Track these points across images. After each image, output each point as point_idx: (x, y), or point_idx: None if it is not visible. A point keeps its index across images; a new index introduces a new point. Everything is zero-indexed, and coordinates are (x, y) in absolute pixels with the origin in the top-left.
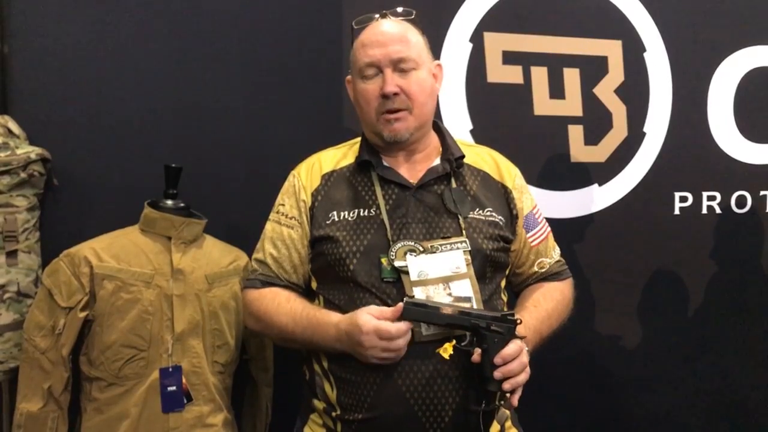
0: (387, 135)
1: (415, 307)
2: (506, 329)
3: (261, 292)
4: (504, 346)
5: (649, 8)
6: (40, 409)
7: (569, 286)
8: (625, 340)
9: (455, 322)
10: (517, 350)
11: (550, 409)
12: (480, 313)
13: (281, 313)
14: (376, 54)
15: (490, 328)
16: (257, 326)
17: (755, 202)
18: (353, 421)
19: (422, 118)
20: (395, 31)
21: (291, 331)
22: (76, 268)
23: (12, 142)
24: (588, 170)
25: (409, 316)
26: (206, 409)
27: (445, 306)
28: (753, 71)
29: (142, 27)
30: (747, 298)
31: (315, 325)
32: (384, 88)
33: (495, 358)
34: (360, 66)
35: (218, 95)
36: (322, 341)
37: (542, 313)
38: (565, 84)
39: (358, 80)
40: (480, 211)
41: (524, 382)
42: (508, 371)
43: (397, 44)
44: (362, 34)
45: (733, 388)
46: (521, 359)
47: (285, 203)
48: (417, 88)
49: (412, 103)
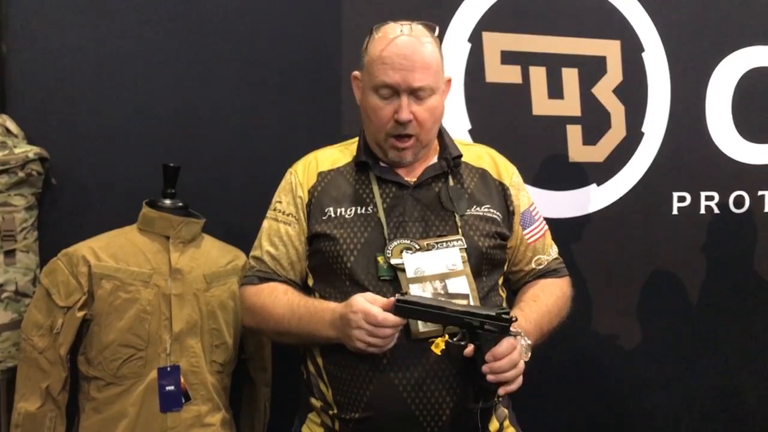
0: (391, 157)
1: (405, 305)
2: (499, 327)
3: (259, 287)
4: (496, 343)
5: (648, 8)
6: (38, 409)
7: (568, 284)
8: (624, 339)
9: (447, 320)
10: (509, 348)
11: (548, 408)
12: (472, 311)
13: (278, 304)
14: (396, 78)
15: (483, 326)
16: (254, 321)
17: (753, 202)
18: (350, 420)
19: (427, 140)
20: (418, 57)
21: (287, 321)
22: (74, 267)
23: (10, 141)
24: (586, 170)
25: (401, 314)
26: (204, 409)
27: (437, 304)
28: (751, 71)
29: (140, 26)
30: (745, 298)
31: (312, 313)
32: (399, 114)
33: (486, 355)
34: (376, 83)
35: (216, 94)
36: (317, 330)
37: (542, 308)
38: (563, 84)
39: (371, 92)
40: (477, 208)
41: (514, 378)
42: (498, 368)
43: (418, 72)
44: (383, 46)
45: (732, 388)
46: (512, 357)
47: (282, 200)
48: (428, 115)
49: (420, 129)
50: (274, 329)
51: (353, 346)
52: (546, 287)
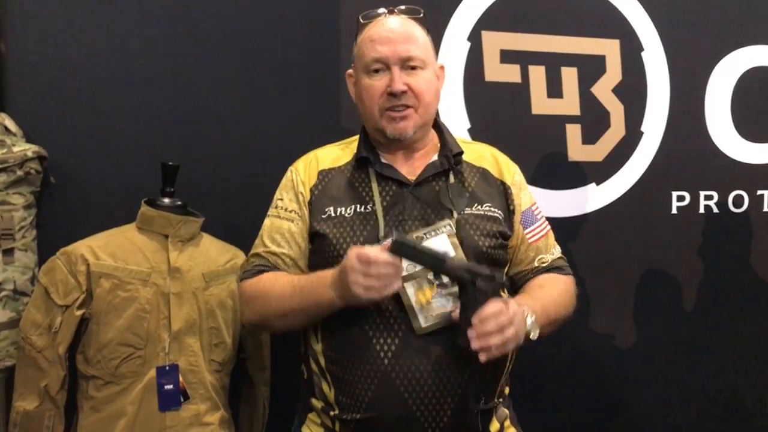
0: (390, 132)
1: (403, 246)
2: (490, 288)
3: (258, 277)
4: (484, 303)
5: (647, 7)
6: (37, 408)
7: (572, 282)
8: (622, 338)
9: (439, 267)
10: (496, 311)
11: (547, 408)
12: (467, 267)
13: (278, 284)
14: (385, 51)
15: (474, 283)
16: (254, 310)
17: (752, 201)
18: (351, 421)
19: (426, 117)
20: (404, 29)
21: (289, 297)
22: (72, 266)
23: (9, 140)
24: (585, 169)
25: (396, 252)
26: (203, 408)
27: (432, 251)
28: (750, 71)
29: (138, 25)
30: (743, 297)
31: (313, 281)
32: (392, 86)
33: (473, 316)
34: (366, 61)
35: (215, 93)
36: (320, 296)
37: (548, 295)
38: (562, 83)
39: (363, 75)
40: (478, 206)
41: (500, 345)
42: (482, 330)
43: (406, 43)
44: (370, 29)
45: (730, 387)
46: (499, 320)
47: (284, 198)
48: (424, 86)
49: (418, 101)
50: (276, 311)
51: (354, 297)
52: (551, 279)
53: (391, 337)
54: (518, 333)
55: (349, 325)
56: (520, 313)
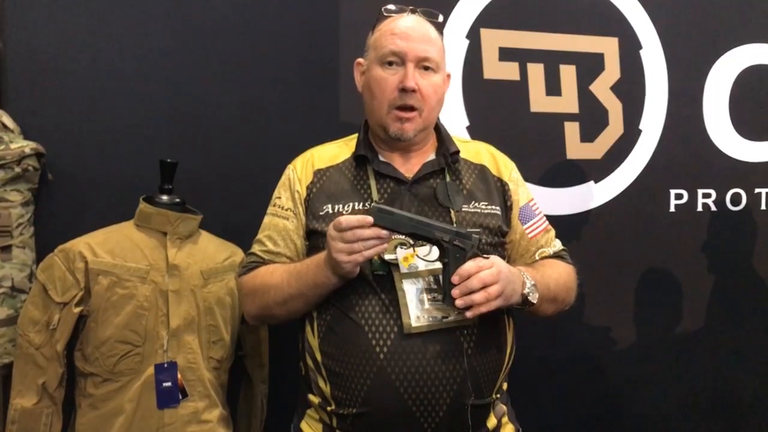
0: (393, 131)
1: (380, 213)
2: (468, 245)
3: (256, 270)
4: (464, 262)
5: (646, 5)
6: (35, 405)
7: (574, 270)
8: (620, 337)
9: (419, 231)
10: (477, 266)
11: (545, 405)
12: (444, 227)
13: (276, 273)
14: (404, 46)
15: (453, 242)
16: (254, 302)
17: (750, 199)
18: (347, 416)
19: (428, 120)
20: (424, 30)
21: (287, 283)
22: (70, 263)
23: (6, 137)
24: (584, 167)
25: (375, 217)
26: (201, 405)
27: (410, 215)
28: (749, 69)
29: (137, 22)
30: (742, 296)
31: (308, 264)
32: (405, 82)
33: (452, 276)
34: (384, 52)
35: (214, 90)
36: (317, 276)
37: (549, 272)
38: (561, 81)
39: (376, 66)
40: (476, 204)
41: (484, 301)
42: (465, 288)
43: (425, 43)
44: (391, 23)
45: (728, 386)
46: (481, 277)
47: (281, 196)
48: (432, 90)
49: (423, 105)
50: (276, 299)
51: (341, 267)
52: (553, 262)
53: (387, 332)
54: (505, 291)
55: (346, 320)
56: (512, 274)
